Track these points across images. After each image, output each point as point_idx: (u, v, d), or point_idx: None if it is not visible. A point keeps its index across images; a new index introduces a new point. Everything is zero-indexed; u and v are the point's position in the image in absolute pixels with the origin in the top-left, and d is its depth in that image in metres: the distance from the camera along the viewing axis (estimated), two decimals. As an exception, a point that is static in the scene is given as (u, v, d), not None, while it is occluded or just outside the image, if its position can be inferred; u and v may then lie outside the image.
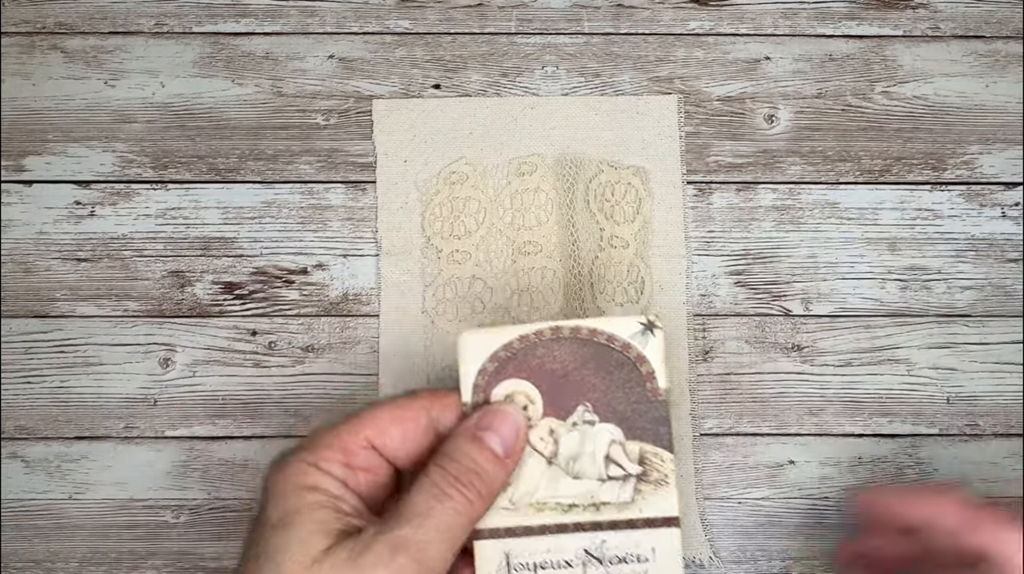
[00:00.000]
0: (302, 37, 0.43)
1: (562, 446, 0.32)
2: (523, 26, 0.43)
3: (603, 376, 0.32)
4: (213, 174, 0.42)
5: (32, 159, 0.42)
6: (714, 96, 0.43)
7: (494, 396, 0.31)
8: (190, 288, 0.41)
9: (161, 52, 0.42)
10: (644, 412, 0.32)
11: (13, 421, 0.40)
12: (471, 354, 0.32)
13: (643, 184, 0.41)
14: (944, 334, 0.41)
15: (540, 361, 0.32)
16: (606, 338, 0.32)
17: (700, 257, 0.41)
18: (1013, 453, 0.40)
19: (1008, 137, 0.42)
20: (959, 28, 0.43)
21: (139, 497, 0.39)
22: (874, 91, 0.43)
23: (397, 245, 0.41)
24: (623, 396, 0.32)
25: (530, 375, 0.32)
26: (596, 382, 0.32)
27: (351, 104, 0.42)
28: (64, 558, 0.39)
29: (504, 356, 0.32)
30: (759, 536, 0.39)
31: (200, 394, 0.40)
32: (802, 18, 0.44)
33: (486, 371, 0.32)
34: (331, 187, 0.42)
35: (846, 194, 0.42)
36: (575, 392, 0.32)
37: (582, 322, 0.32)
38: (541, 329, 0.32)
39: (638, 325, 0.32)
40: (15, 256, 0.41)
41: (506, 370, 0.32)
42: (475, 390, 0.31)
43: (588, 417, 0.32)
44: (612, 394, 0.32)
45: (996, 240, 0.42)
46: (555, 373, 0.32)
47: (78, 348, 0.40)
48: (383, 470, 0.31)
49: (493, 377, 0.32)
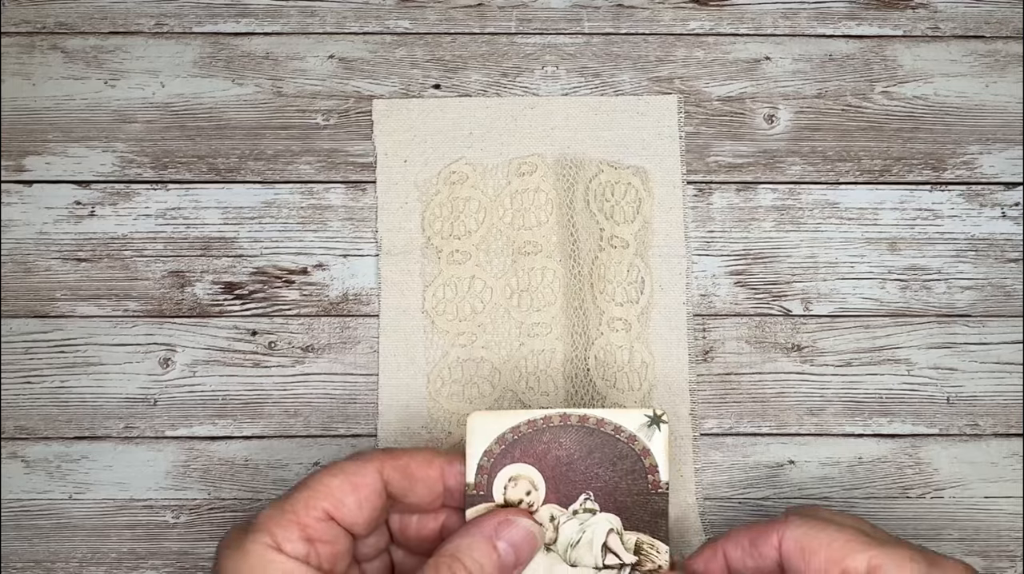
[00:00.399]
0: (302, 37, 0.43)
1: (562, 533, 0.32)
2: (523, 26, 0.43)
3: (607, 466, 0.32)
4: (213, 174, 0.42)
5: (32, 159, 0.42)
6: (714, 96, 0.43)
7: (498, 478, 0.32)
8: (190, 288, 0.41)
9: (161, 52, 0.42)
10: (644, 504, 0.32)
11: (13, 421, 0.40)
12: (478, 435, 0.32)
13: (643, 184, 0.41)
14: (944, 334, 0.41)
15: (546, 446, 0.32)
16: (612, 428, 0.32)
17: (700, 257, 0.41)
18: (1013, 453, 0.40)
19: (1008, 137, 0.42)
20: (959, 28, 0.43)
21: (139, 497, 0.39)
22: (874, 91, 0.43)
23: (397, 245, 0.41)
24: (625, 487, 0.32)
25: (535, 461, 0.32)
26: (600, 472, 0.32)
27: (351, 104, 0.42)
28: (64, 558, 0.39)
29: (511, 439, 0.32)
30: (759, 536, 0.39)
31: (200, 394, 0.40)
32: (802, 18, 0.44)
33: (492, 453, 0.32)
34: (331, 187, 0.42)
35: (846, 194, 0.42)
36: (579, 480, 0.32)
37: (590, 411, 0.32)
38: (550, 415, 0.32)
39: (645, 418, 0.32)
40: (15, 256, 0.41)
41: (512, 453, 0.32)
42: (479, 471, 0.32)
43: (589, 505, 0.32)
44: (615, 484, 0.32)
45: (996, 240, 0.42)
46: (560, 460, 0.32)
47: (78, 348, 0.40)
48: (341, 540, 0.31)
49: (499, 459, 0.32)
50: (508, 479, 0.32)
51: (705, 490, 0.39)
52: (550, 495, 0.32)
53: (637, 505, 0.32)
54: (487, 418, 0.32)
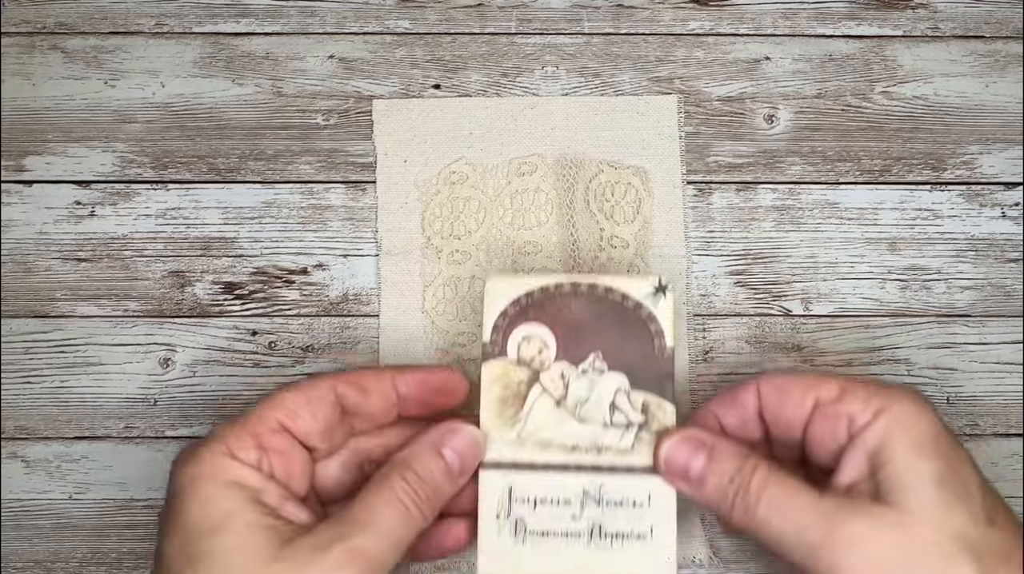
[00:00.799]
0: (302, 37, 0.43)
1: (571, 390, 0.33)
2: (523, 26, 0.43)
3: (615, 330, 0.34)
4: (213, 174, 0.42)
5: (32, 159, 0.42)
6: (714, 96, 0.43)
7: (512, 337, 0.34)
8: (190, 288, 0.41)
9: (161, 52, 0.42)
10: (651, 366, 0.34)
11: (13, 421, 0.40)
12: (494, 297, 0.34)
13: (643, 184, 0.41)
14: (944, 334, 0.41)
15: (558, 310, 0.34)
16: (620, 296, 0.34)
17: (700, 257, 0.41)
18: (1013, 453, 0.40)
19: (1008, 137, 0.42)
20: (959, 28, 0.43)
21: (139, 497, 0.39)
22: (874, 91, 0.43)
23: (397, 245, 0.41)
24: (632, 349, 0.34)
25: (547, 321, 0.34)
26: (608, 334, 0.34)
27: (351, 104, 0.42)
28: (64, 558, 0.39)
29: (525, 302, 0.34)
30: (759, 536, 0.39)
31: (200, 394, 0.40)
32: (802, 18, 0.44)
33: (507, 314, 0.34)
34: (331, 187, 0.42)
35: (846, 194, 0.42)
36: (588, 341, 0.34)
37: (599, 279, 0.34)
38: (561, 282, 0.34)
39: (651, 287, 0.34)
40: (15, 256, 0.41)
41: (526, 315, 0.34)
42: (495, 330, 0.34)
43: (599, 365, 0.34)
44: (622, 346, 0.34)
45: (996, 240, 0.42)
46: (570, 323, 0.34)
47: (78, 348, 0.40)
48: (296, 452, 0.32)
49: (513, 320, 0.34)
50: (522, 338, 0.34)
51: (705, 490, 0.39)
52: (561, 354, 0.34)
53: (644, 367, 0.33)
54: (504, 282, 0.34)
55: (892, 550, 0.29)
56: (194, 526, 0.29)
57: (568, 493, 0.33)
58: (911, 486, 0.30)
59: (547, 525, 0.33)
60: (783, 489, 0.31)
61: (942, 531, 0.29)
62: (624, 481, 0.33)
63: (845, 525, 0.29)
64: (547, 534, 0.33)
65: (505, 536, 0.32)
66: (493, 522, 0.33)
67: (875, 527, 0.29)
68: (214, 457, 0.30)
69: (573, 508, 0.33)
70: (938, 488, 0.30)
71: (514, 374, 0.34)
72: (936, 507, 0.29)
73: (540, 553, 0.32)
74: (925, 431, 0.31)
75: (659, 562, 0.32)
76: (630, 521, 0.32)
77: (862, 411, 0.31)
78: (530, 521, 0.33)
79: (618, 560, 0.32)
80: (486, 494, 0.33)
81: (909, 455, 0.30)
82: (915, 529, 0.29)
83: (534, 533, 0.33)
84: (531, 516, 0.33)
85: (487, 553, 0.33)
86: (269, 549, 0.28)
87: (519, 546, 0.32)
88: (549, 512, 0.33)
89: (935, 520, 0.29)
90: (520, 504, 0.33)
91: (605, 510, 0.33)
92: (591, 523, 0.33)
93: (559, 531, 0.33)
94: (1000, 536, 0.30)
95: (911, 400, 0.32)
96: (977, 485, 0.31)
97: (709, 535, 0.39)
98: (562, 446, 0.33)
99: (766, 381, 0.34)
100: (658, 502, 0.33)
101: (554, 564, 0.32)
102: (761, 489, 0.31)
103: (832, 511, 0.30)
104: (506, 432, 0.33)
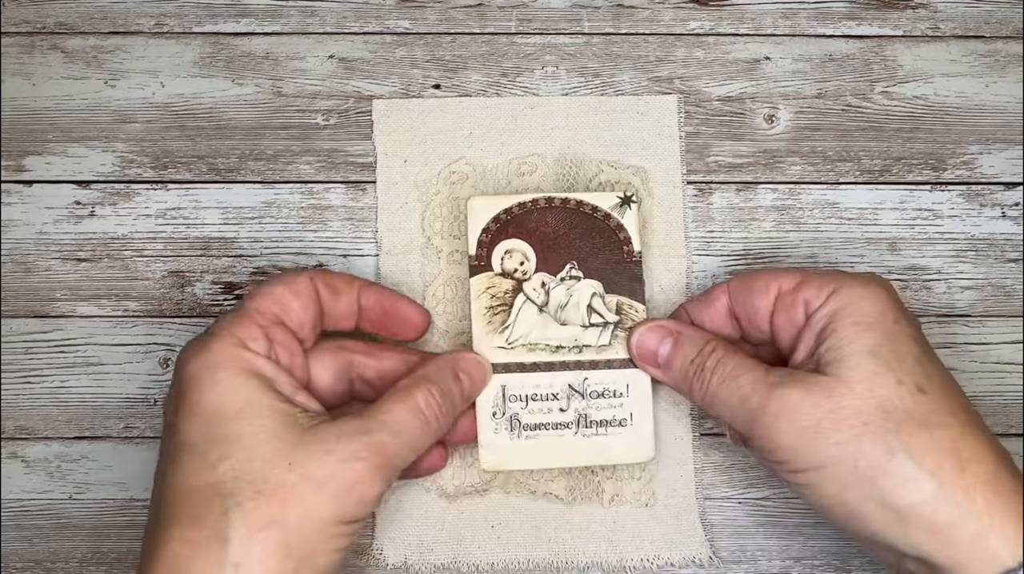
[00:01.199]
0: (302, 37, 0.43)
1: (552, 297, 0.37)
2: (523, 26, 0.43)
3: (588, 240, 0.38)
4: (213, 174, 0.42)
5: (32, 159, 0.42)
6: (714, 96, 0.43)
7: (496, 251, 0.37)
8: (190, 288, 0.41)
9: (161, 52, 0.42)
10: (621, 271, 0.38)
11: (13, 421, 0.40)
12: (477, 214, 0.38)
13: (643, 184, 0.41)
14: (944, 334, 0.41)
15: (535, 225, 0.38)
16: (590, 209, 0.38)
17: (700, 257, 0.41)
18: (1013, 453, 0.40)
19: (1008, 137, 0.42)
20: (959, 28, 0.43)
21: (139, 497, 0.39)
22: (874, 91, 0.43)
23: (397, 245, 0.41)
24: (604, 257, 0.38)
25: (526, 236, 0.38)
26: (582, 244, 0.38)
27: (351, 104, 0.42)
28: (64, 558, 0.39)
29: (505, 219, 0.38)
30: (759, 536, 0.39)
31: (200, 394, 0.40)
32: (802, 18, 0.44)
33: (489, 230, 0.38)
34: (331, 187, 0.42)
35: (846, 194, 0.42)
36: (564, 252, 0.38)
37: (571, 195, 0.38)
38: (536, 198, 0.38)
39: (617, 199, 0.38)
40: (15, 256, 0.41)
41: (507, 231, 0.38)
42: (479, 245, 0.37)
43: (574, 273, 0.37)
44: (595, 255, 0.38)
45: (996, 240, 0.42)
46: (547, 235, 0.38)
47: (78, 348, 0.40)
48: (295, 345, 0.33)
49: (495, 235, 0.38)
50: (504, 252, 0.37)
51: (705, 490, 0.39)
52: (540, 265, 0.37)
53: (615, 272, 0.37)
54: (484, 201, 0.38)
55: (816, 415, 0.30)
56: (214, 411, 0.30)
57: (555, 389, 0.37)
58: (845, 357, 0.31)
59: (539, 418, 0.36)
60: (735, 367, 0.33)
61: (866, 399, 0.30)
62: (604, 374, 0.37)
63: (780, 393, 0.31)
64: (539, 427, 0.36)
65: (502, 432, 0.36)
66: (490, 420, 0.36)
67: (805, 395, 0.31)
68: (228, 347, 0.31)
69: (561, 402, 0.37)
70: (870, 359, 0.31)
71: (499, 285, 0.37)
72: (864, 376, 0.31)
73: (534, 444, 0.36)
74: (870, 308, 0.32)
75: (640, 443, 0.37)
76: (612, 409, 0.37)
77: (816, 295, 0.33)
78: (523, 416, 0.36)
79: (604, 444, 0.37)
80: (482, 395, 0.36)
81: (849, 330, 0.31)
82: (841, 397, 0.30)
83: (528, 426, 0.36)
84: (524, 412, 0.36)
85: (487, 447, 0.36)
86: (293, 432, 0.30)
87: (515, 439, 0.36)
88: (540, 407, 0.36)
89: (861, 389, 0.30)
90: (513, 402, 0.36)
91: (589, 401, 0.37)
92: (577, 414, 0.37)
93: (550, 423, 0.37)
94: (928, 405, 0.30)
95: (863, 282, 0.33)
96: (914, 356, 0.31)
97: (709, 535, 0.39)
98: (547, 347, 0.37)
99: (735, 279, 0.36)
100: (635, 390, 0.37)
101: (547, 452, 0.37)
102: (715, 367, 0.33)
103: (773, 382, 0.32)
104: (496, 338, 0.37)
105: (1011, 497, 0.29)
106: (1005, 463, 0.30)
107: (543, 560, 0.38)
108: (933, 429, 0.30)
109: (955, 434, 0.30)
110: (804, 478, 0.31)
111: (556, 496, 0.39)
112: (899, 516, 0.29)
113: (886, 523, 0.30)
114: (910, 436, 0.29)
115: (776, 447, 0.31)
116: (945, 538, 0.29)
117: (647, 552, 0.38)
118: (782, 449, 0.31)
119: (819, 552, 0.39)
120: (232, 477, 0.29)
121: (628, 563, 0.38)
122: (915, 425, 0.30)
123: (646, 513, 0.39)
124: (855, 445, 0.30)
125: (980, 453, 0.30)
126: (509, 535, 0.38)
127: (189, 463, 0.30)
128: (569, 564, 0.38)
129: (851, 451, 0.30)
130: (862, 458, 0.29)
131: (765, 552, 0.39)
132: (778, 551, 0.39)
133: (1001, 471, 0.30)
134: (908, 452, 0.29)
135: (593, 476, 0.39)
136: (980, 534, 0.28)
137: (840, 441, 0.30)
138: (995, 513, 0.29)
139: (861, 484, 0.30)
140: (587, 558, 0.38)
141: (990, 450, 0.30)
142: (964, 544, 0.29)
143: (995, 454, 0.30)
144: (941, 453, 0.29)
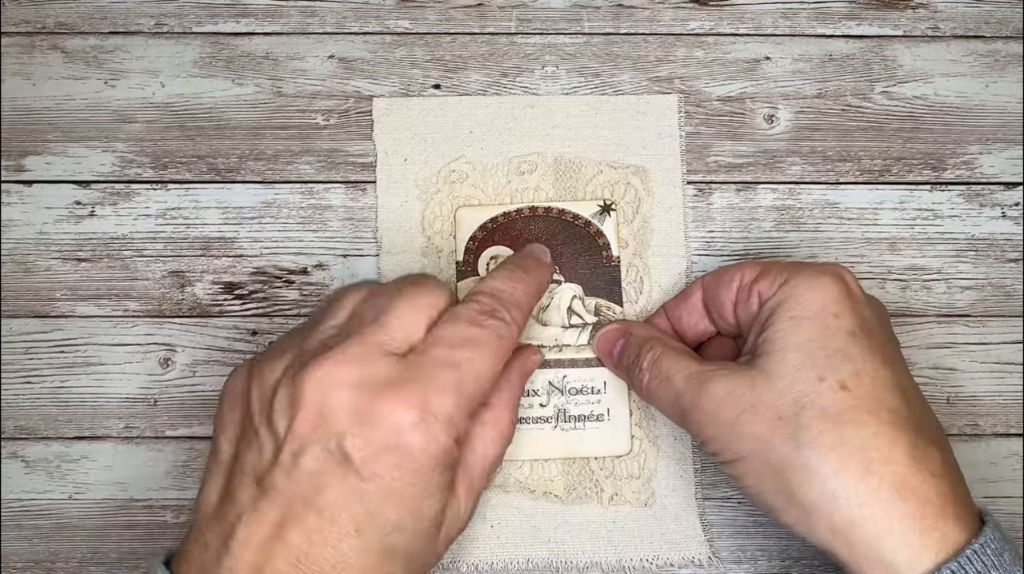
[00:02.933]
0: (302, 37, 0.43)
1: None
2: (523, 26, 0.43)
3: (569, 246, 0.40)
4: (213, 174, 0.42)
5: (32, 159, 0.42)
6: (714, 96, 0.43)
7: (482, 258, 0.39)
8: (190, 288, 0.41)
9: (161, 52, 0.42)
10: (600, 275, 0.40)
11: (13, 421, 0.40)
12: (465, 224, 0.40)
13: (643, 184, 0.41)
14: (944, 334, 0.41)
15: (519, 232, 0.40)
16: (572, 216, 0.40)
17: (700, 257, 0.41)
18: (1013, 453, 0.40)
19: (1008, 137, 0.42)
20: (959, 28, 0.43)
21: (139, 497, 0.39)
22: (874, 91, 0.43)
23: (397, 245, 0.41)
24: (584, 262, 0.40)
25: (511, 243, 0.40)
26: (563, 250, 0.40)
27: (351, 104, 0.42)
28: (64, 558, 0.39)
29: (491, 227, 0.40)
30: (759, 536, 0.39)
31: (200, 394, 0.40)
32: (802, 18, 0.44)
33: (476, 238, 0.40)
34: (331, 187, 0.42)
35: (846, 194, 0.42)
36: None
37: (553, 204, 0.40)
38: (521, 208, 0.40)
39: (597, 207, 0.40)
40: (15, 256, 0.41)
41: (492, 238, 0.40)
42: (467, 252, 0.39)
43: (556, 277, 0.39)
44: (575, 260, 0.40)
45: (996, 240, 0.42)
46: (531, 242, 0.39)
47: (78, 348, 0.40)
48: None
49: (482, 243, 0.40)
50: (490, 258, 0.39)
51: (705, 490, 0.39)
52: None
53: (595, 275, 0.39)
54: (471, 211, 0.40)
55: (739, 408, 0.30)
56: (374, 288, 0.33)
57: (536, 385, 0.39)
58: (775, 351, 0.31)
59: (520, 413, 0.37)
60: (669, 366, 0.33)
61: (784, 394, 0.30)
62: (583, 372, 0.39)
63: (708, 388, 0.32)
64: (521, 421, 0.38)
65: None
66: None
67: (733, 388, 0.31)
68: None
69: (541, 398, 0.38)
70: (796, 353, 0.31)
71: None
72: (787, 371, 0.30)
73: (515, 437, 0.36)
74: (811, 301, 0.32)
75: (616, 436, 0.38)
76: (590, 405, 0.38)
77: (768, 287, 0.33)
78: None
79: (581, 438, 0.38)
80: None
81: (785, 323, 0.31)
82: (764, 391, 0.30)
83: None
84: None
85: None
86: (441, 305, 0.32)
87: None
88: (522, 402, 0.38)
89: (782, 384, 0.30)
90: None
91: (568, 397, 0.38)
92: (557, 409, 0.38)
93: (531, 417, 0.38)
94: (847, 403, 0.30)
95: (813, 273, 0.32)
96: (845, 353, 0.30)
97: (709, 535, 0.39)
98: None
99: (710, 273, 0.36)
100: (612, 387, 0.39)
101: (529, 445, 0.38)
102: (649, 367, 0.34)
103: (704, 378, 0.32)
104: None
105: (919, 503, 0.28)
106: (927, 469, 0.29)
107: (542, 560, 0.38)
108: (845, 426, 0.29)
109: (868, 433, 0.29)
110: (730, 470, 0.31)
111: (555, 496, 0.39)
112: (804, 511, 0.29)
113: (795, 517, 0.30)
114: (819, 432, 0.29)
115: (706, 439, 0.32)
116: (846, 538, 0.29)
117: (646, 552, 0.38)
118: (712, 441, 0.31)
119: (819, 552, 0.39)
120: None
121: (627, 563, 0.38)
122: (828, 422, 0.29)
123: (645, 513, 0.39)
124: (768, 439, 0.30)
125: (893, 455, 0.29)
126: (508, 535, 0.38)
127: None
128: (568, 564, 0.38)
129: (764, 444, 0.30)
130: (773, 452, 0.29)
131: (765, 552, 0.39)
132: (778, 551, 0.39)
133: (915, 476, 0.28)
134: (815, 447, 0.29)
135: (591, 474, 0.38)
136: (877, 537, 0.28)
137: (756, 434, 0.30)
138: (896, 517, 0.28)
139: (773, 477, 0.30)
140: (586, 558, 0.38)
141: (908, 453, 0.29)
142: (862, 546, 0.28)
143: (912, 458, 0.29)
144: (848, 451, 0.29)
